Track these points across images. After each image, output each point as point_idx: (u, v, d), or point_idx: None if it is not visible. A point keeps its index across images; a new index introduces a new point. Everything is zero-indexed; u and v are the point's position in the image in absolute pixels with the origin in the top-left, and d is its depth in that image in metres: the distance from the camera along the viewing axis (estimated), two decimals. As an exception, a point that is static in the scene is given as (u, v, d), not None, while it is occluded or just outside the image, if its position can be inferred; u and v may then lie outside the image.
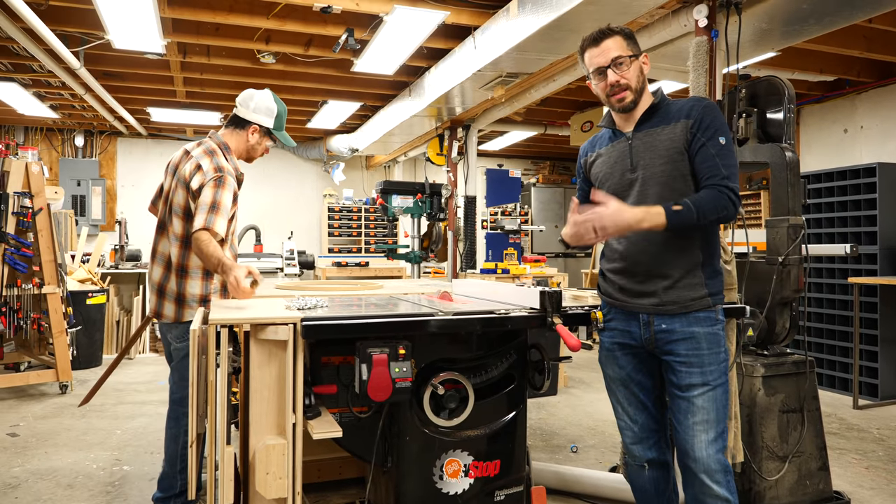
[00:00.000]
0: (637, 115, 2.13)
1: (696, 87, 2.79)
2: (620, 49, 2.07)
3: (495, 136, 7.94)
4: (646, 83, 2.12)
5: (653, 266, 2.10)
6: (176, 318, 2.86)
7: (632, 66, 2.08)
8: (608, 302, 2.27)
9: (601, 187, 2.23)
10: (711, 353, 2.05)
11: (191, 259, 2.78)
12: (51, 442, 4.09)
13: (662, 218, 1.95)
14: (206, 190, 2.63)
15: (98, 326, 6.67)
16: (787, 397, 3.00)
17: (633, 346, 2.20)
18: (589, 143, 2.37)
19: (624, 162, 2.16)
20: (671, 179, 2.05)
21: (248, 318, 2.06)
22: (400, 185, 6.01)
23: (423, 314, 2.24)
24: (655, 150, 2.08)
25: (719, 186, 1.97)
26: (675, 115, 2.08)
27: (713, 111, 2.03)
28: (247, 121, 2.80)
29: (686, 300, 2.06)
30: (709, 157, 2.00)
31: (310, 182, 8.75)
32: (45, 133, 7.55)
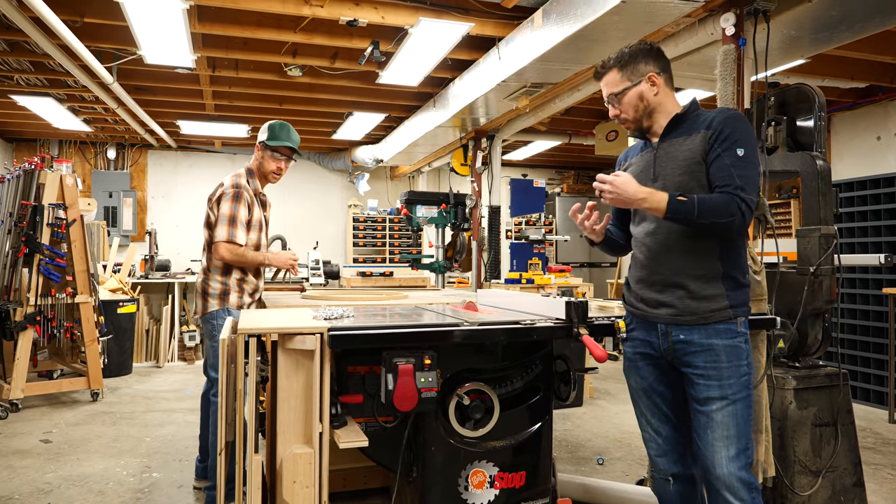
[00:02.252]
0: (661, 128, 2.15)
1: (724, 97, 2.76)
2: (612, 85, 2.15)
3: (519, 146, 7.94)
4: (656, 102, 2.12)
5: (669, 275, 2.09)
6: (202, 310, 3.28)
7: (626, 98, 2.13)
8: (630, 311, 2.26)
9: None
10: (731, 367, 2.01)
11: (213, 260, 3.22)
12: (82, 448, 4.17)
13: (664, 204, 1.97)
14: (223, 204, 3.13)
15: (128, 335, 6.80)
16: (819, 410, 2.94)
17: (653, 356, 2.18)
18: (625, 153, 2.40)
19: (648, 171, 2.17)
20: (688, 189, 2.04)
21: (276, 327, 2.08)
22: (424, 196, 6.04)
23: (448, 324, 2.24)
24: (675, 160, 2.09)
25: (732, 194, 1.94)
26: (698, 126, 2.08)
27: (735, 122, 2.01)
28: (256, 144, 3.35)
29: (704, 311, 2.03)
30: (723, 167, 1.98)
31: (335, 192, 8.83)
32: (78, 146, 7.75)
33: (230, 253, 3.14)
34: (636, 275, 2.23)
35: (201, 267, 3.30)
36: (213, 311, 3.24)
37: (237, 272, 3.27)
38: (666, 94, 2.14)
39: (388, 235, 8.57)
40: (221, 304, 3.25)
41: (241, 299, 3.29)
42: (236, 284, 3.26)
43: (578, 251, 9.21)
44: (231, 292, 3.25)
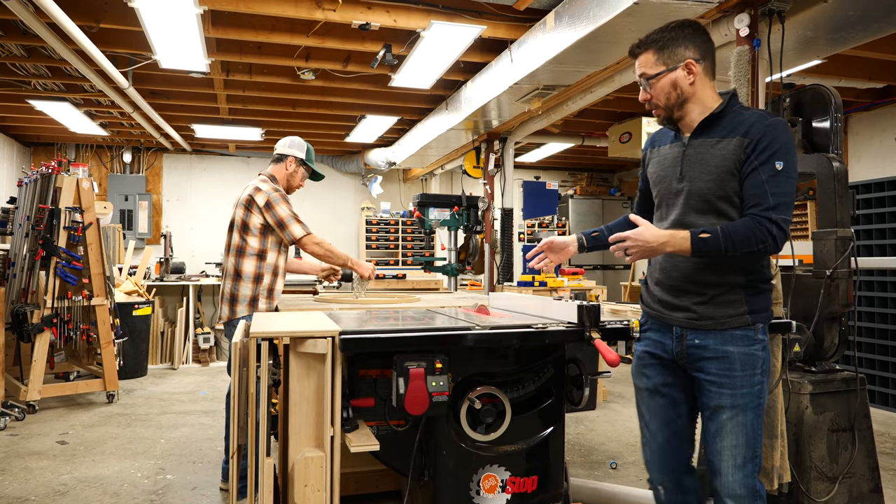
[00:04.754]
0: (694, 123, 2.00)
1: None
2: (646, 66, 2.00)
3: (532, 148, 7.92)
4: (690, 93, 1.96)
5: (686, 282, 2.03)
6: (229, 316, 3.34)
7: (659, 84, 1.98)
8: (646, 311, 2.21)
9: (654, 189, 2.18)
10: (745, 376, 1.95)
11: (244, 265, 3.31)
12: (97, 450, 4.21)
13: (687, 244, 1.89)
14: (279, 206, 3.26)
15: (143, 337, 6.86)
16: (836, 415, 2.90)
17: (663, 358, 2.12)
18: (653, 138, 2.25)
19: (675, 168, 2.05)
20: (715, 199, 1.95)
21: (288, 331, 2.09)
22: (437, 198, 6.04)
23: (459, 328, 2.24)
24: (705, 163, 1.96)
25: (760, 217, 1.84)
26: (735, 129, 1.91)
27: (776, 131, 1.87)
28: (285, 155, 3.49)
29: (722, 316, 1.97)
30: (757, 184, 1.86)
31: (348, 195, 8.87)
32: (94, 150, 7.84)
33: (320, 247, 3.33)
34: (654, 276, 2.16)
35: (229, 272, 3.33)
36: (242, 316, 3.28)
37: (269, 278, 3.35)
38: (703, 83, 1.96)
39: (400, 238, 8.58)
40: (250, 311, 3.31)
41: (270, 305, 3.37)
42: (266, 291, 3.33)
43: (591, 254, 9.16)
44: (260, 298, 3.32)
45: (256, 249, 3.33)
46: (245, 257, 3.32)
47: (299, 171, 3.51)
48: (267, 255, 3.36)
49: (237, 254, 3.34)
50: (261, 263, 3.35)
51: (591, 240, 2.41)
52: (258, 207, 3.29)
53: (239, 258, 3.33)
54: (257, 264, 3.34)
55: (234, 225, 3.41)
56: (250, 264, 3.33)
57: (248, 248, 3.33)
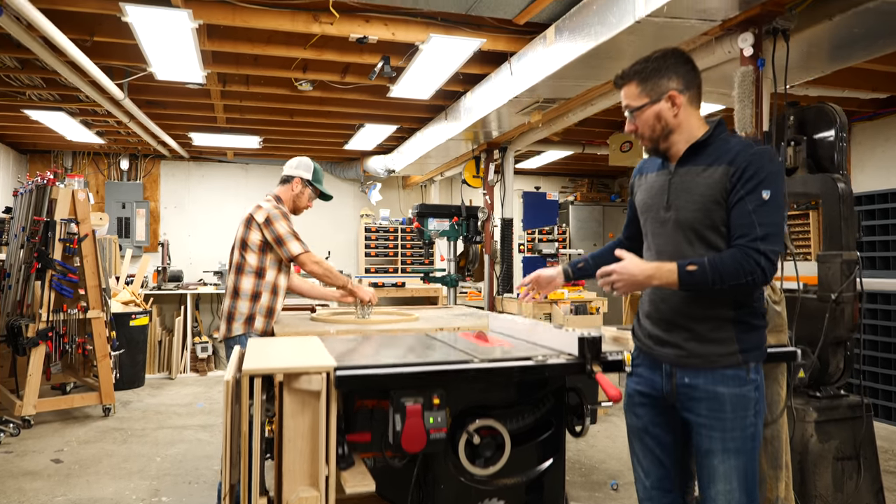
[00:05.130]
0: (680, 152, 1.98)
1: (742, 119, 2.67)
2: (630, 98, 1.98)
3: (532, 155, 7.86)
4: (675, 124, 1.94)
5: (676, 316, 1.98)
6: (225, 334, 3.30)
7: (643, 115, 1.95)
8: (637, 345, 2.16)
9: (642, 218, 2.15)
10: (736, 418, 1.89)
11: (242, 283, 3.28)
12: (93, 469, 4.16)
13: (674, 276, 1.84)
14: (278, 223, 3.24)
15: (141, 347, 6.81)
16: (841, 443, 2.85)
17: (653, 396, 2.07)
18: (641, 166, 2.22)
19: (661, 197, 2.02)
20: (703, 228, 1.91)
21: (282, 367, 2.03)
22: (436, 209, 5.98)
23: (458, 361, 2.18)
24: (691, 192, 1.93)
25: (747, 248, 1.78)
26: (721, 157, 1.90)
27: (761, 160, 1.83)
28: (291, 176, 3.46)
29: (711, 355, 1.91)
30: (744, 213, 1.81)
31: (347, 202, 8.81)
32: (91, 157, 7.79)
33: (319, 266, 3.28)
34: (644, 309, 2.12)
35: (228, 290, 3.32)
36: (238, 335, 3.27)
37: (267, 297, 3.31)
38: (688, 113, 1.94)
39: (400, 245, 8.53)
40: (246, 329, 3.28)
41: (268, 325, 3.33)
42: (264, 310, 3.30)
43: (592, 260, 9.10)
44: (257, 317, 3.29)
45: (255, 267, 3.32)
46: (243, 275, 3.31)
47: (306, 191, 3.49)
48: (266, 273, 3.34)
49: (236, 271, 3.32)
50: (259, 281, 3.33)
51: (577, 271, 2.41)
52: (257, 224, 3.28)
53: (238, 276, 3.31)
54: (255, 282, 3.32)
55: (234, 244, 3.40)
56: (248, 282, 3.31)
57: (247, 266, 3.32)
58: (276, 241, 3.27)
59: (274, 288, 3.38)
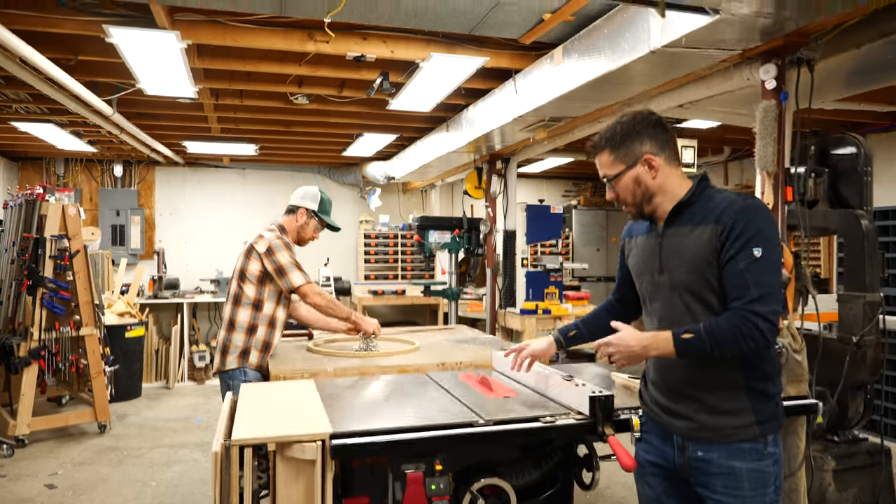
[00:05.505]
0: (665, 212, 1.89)
1: (763, 157, 2.53)
2: (606, 167, 1.91)
3: (535, 160, 7.70)
4: (656, 186, 1.86)
5: (683, 385, 1.87)
6: (219, 367, 3.21)
7: (622, 182, 1.88)
8: (646, 412, 2.04)
9: (637, 281, 2.05)
10: (755, 496, 1.77)
11: (238, 314, 3.18)
12: (86, 497, 4.05)
13: (671, 346, 1.76)
14: (280, 253, 3.14)
15: (137, 358, 6.69)
16: (860, 491, 2.73)
17: (665, 467, 1.95)
18: (629, 227, 2.15)
19: (653, 261, 1.93)
20: (699, 290, 1.81)
21: (273, 435, 1.91)
22: (437, 221, 5.86)
23: (460, 424, 2.06)
24: (681, 255, 1.84)
25: (744, 312, 1.69)
26: (707, 216, 1.79)
27: (748, 215, 1.73)
28: (297, 206, 3.36)
29: (725, 427, 1.79)
30: (736, 274, 1.72)
31: (346, 207, 8.66)
32: (84, 164, 7.63)
33: (320, 297, 3.17)
34: (650, 376, 2.01)
35: (224, 321, 3.23)
36: (231, 369, 3.18)
37: (263, 330, 3.21)
38: (667, 174, 1.87)
39: (400, 252, 8.40)
40: (240, 363, 3.18)
41: (262, 359, 3.21)
42: (260, 344, 3.20)
43: (595, 264, 8.97)
44: (252, 351, 3.18)
45: (252, 299, 3.20)
46: (240, 306, 3.20)
47: (311, 222, 3.38)
48: (263, 306, 3.22)
49: (233, 302, 3.22)
50: (256, 314, 3.21)
51: (569, 339, 2.35)
52: (258, 254, 3.17)
53: (235, 307, 3.21)
54: (252, 314, 3.21)
55: (233, 274, 3.29)
56: (245, 314, 3.20)
57: (244, 297, 3.21)
58: (276, 271, 3.16)
59: (271, 321, 3.26)
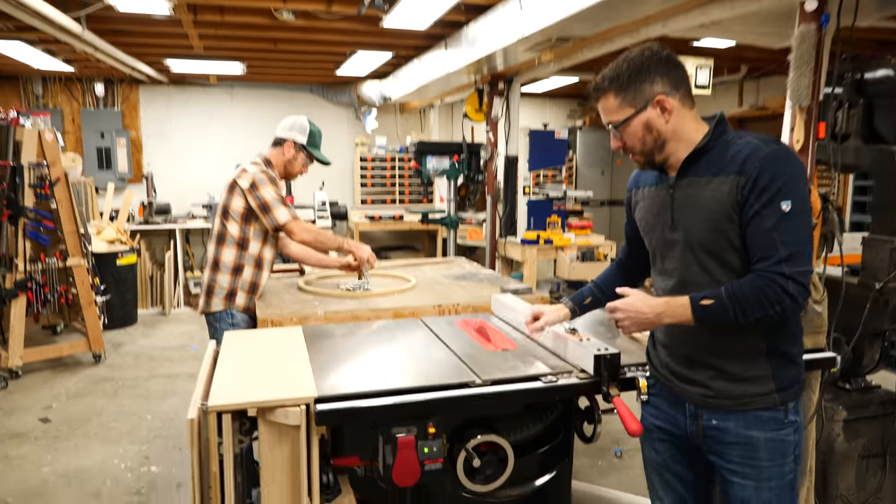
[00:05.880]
0: (679, 161, 1.68)
1: (798, 89, 2.26)
2: (611, 112, 1.67)
3: (539, 78, 7.30)
4: (669, 132, 1.64)
5: (694, 352, 1.72)
6: (204, 309, 3.08)
7: (630, 129, 1.65)
8: (654, 374, 1.90)
9: (646, 238, 1.86)
10: (773, 466, 1.66)
11: (222, 254, 3.03)
12: (81, 431, 4.03)
13: (688, 313, 1.59)
14: (265, 188, 2.95)
15: (130, 286, 6.59)
16: (869, 441, 2.64)
17: (674, 434, 1.83)
18: (635, 176, 1.93)
19: (664, 215, 1.73)
20: (719, 249, 1.62)
21: (254, 401, 1.77)
22: (435, 147, 5.58)
23: (456, 385, 1.92)
24: (698, 209, 1.64)
25: (770, 274, 1.51)
26: (727, 165, 1.59)
27: (775, 164, 1.52)
28: (283, 139, 3.14)
29: (744, 395, 1.65)
30: (762, 232, 1.53)
31: (341, 128, 8.31)
32: (64, 83, 7.22)
33: (307, 232, 3.02)
34: (659, 336, 1.85)
35: (208, 261, 3.08)
36: (217, 311, 3.06)
37: (250, 271, 3.06)
38: (681, 117, 1.65)
39: (397, 175, 8.13)
40: (227, 306, 3.05)
41: (250, 301, 3.07)
42: (247, 285, 3.06)
43: (599, 188, 8.72)
44: (239, 292, 3.05)
45: (237, 237, 3.04)
46: (225, 245, 3.04)
47: (299, 156, 3.16)
48: (249, 245, 3.06)
49: (217, 241, 3.05)
50: (241, 253, 3.06)
51: (584, 308, 2.19)
52: (241, 190, 2.98)
53: (218, 246, 3.05)
54: (238, 254, 3.05)
55: (217, 210, 3.10)
56: (230, 253, 3.05)
57: (228, 236, 3.04)
58: (261, 207, 2.97)
59: (258, 261, 3.09)
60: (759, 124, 7.13)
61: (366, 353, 2.28)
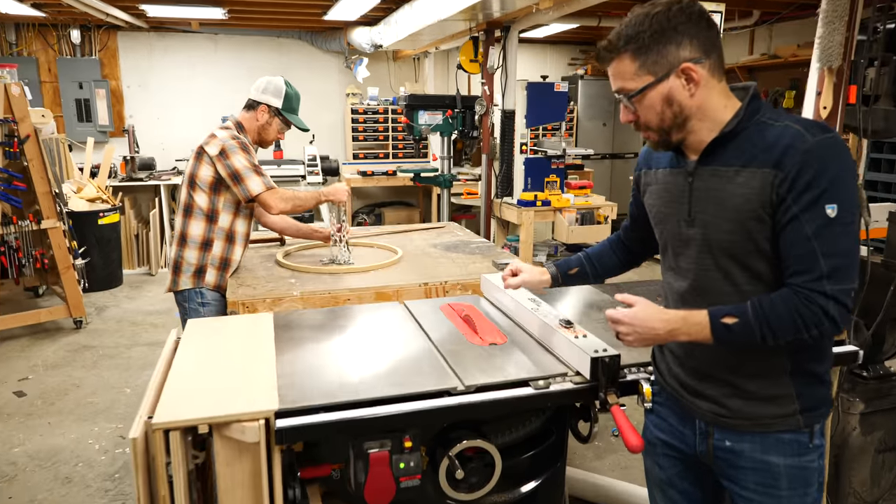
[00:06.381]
0: (702, 143, 1.40)
1: (827, 48, 1.96)
2: (624, 77, 1.36)
3: (538, 25, 6.87)
4: (693, 107, 1.36)
5: (707, 365, 1.49)
6: (171, 287, 2.86)
7: (646, 101, 1.36)
8: (660, 382, 1.68)
9: (657, 228, 1.60)
10: (794, 496, 1.45)
11: (190, 228, 2.80)
12: (56, 406, 3.87)
13: (707, 332, 1.34)
14: (235, 156, 2.71)
15: (114, 246, 6.37)
16: (886, 434, 2.46)
17: (682, 451, 1.62)
18: (645, 154, 1.65)
19: (681, 206, 1.47)
20: (743, 253, 1.37)
21: (205, 416, 1.57)
22: (427, 100, 5.25)
23: (435, 393, 1.72)
24: (722, 204, 1.37)
25: (808, 292, 1.27)
26: (760, 154, 1.31)
27: (821, 159, 1.25)
28: (257, 102, 2.88)
29: (764, 416, 1.44)
30: (800, 240, 1.27)
31: (331, 77, 7.90)
32: (38, 29, 6.80)
33: (283, 201, 2.77)
34: (669, 343, 1.61)
35: (175, 235, 2.85)
36: (186, 290, 2.83)
37: (221, 245, 2.82)
38: (709, 90, 1.36)
39: (391, 128, 7.78)
40: (195, 283, 2.82)
41: (221, 278, 2.84)
42: (217, 261, 2.83)
43: (600, 141, 8.40)
44: (209, 269, 2.82)
45: (205, 209, 2.80)
46: (192, 218, 2.81)
47: (274, 122, 2.91)
48: (219, 217, 2.82)
49: (184, 213, 2.83)
50: (210, 226, 2.82)
51: (567, 277, 1.97)
52: (209, 157, 2.74)
53: (186, 219, 2.82)
54: (206, 227, 2.82)
55: (184, 178, 2.86)
56: (197, 227, 2.81)
57: (196, 208, 2.81)
58: (231, 177, 2.73)
59: (229, 235, 2.86)
60: (771, 73, 6.76)
61: (338, 349, 2.06)
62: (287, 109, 2.91)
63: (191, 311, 2.86)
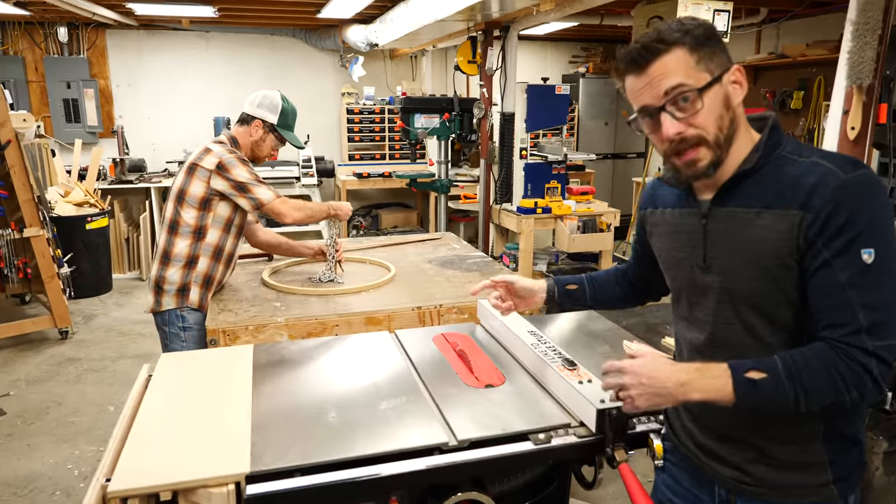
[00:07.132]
0: (720, 179, 1.24)
1: (858, 64, 1.78)
2: (681, 72, 1.15)
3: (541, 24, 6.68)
4: (738, 121, 1.20)
5: (729, 426, 1.32)
6: (153, 307, 2.74)
7: (706, 101, 1.15)
8: (672, 440, 1.52)
9: (667, 274, 1.43)
10: None
11: (175, 246, 2.66)
12: (36, 426, 3.72)
13: (728, 389, 1.15)
14: (237, 169, 2.61)
15: (103, 251, 6.20)
16: (911, 473, 2.30)
17: None
18: (650, 191, 1.48)
19: (694, 251, 1.31)
20: (769, 304, 1.21)
21: (167, 483, 1.41)
22: (423, 103, 5.08)
23: (423, 451, 1.55)
24: (742, 249, 1.21)
25: (847, 347, 1.10)
26: (785, 193, 1.16)
27: (856, 198, 1.10)
28: (252, 116, 2.78)
29: (791, 486, 1.28)
30: (833, 289, 1.11)
31: (327, 76, 7.71)
32: (24, 27, 6.61)
33: (296, 209, 2.71)
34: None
35: (158, 253, 2.71)
36: (168, 310, 2.68)
37: (206, 263, 2.68)
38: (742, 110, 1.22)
39: (387, 129, 7.60)
40: (179, 303, 2.67)
41: (203, 297, 2.70)
42: (201, 279, 2.69)
43: (601, 142, 8.22)
44: (192, 287, 2.68)
45: (192, 226, 2.66)
46: (177, 235, 2.67)
47: (268, 138, 2.79)
48: (206, 233, 2.68)
49: (169, 230, 2.68)
50: (197, 244, 2.67)
51: (564, 294, 1.76)
52: (205, 172, 2.61)
53: (170, 235, 2.67)
54: (192, 245, 2.67)
55: (170, 193, 2.72)
56: (182, 244, 2.67)
57: (183, 224, 2.66)
58: (237, 188, 2.61)
59: (216, 252, 2.71)
60: (778, 72, 6.57)
61: (321, 391, 1.90)
62: (282, 126, 2.79)
63: (171, 336, 2.71)
